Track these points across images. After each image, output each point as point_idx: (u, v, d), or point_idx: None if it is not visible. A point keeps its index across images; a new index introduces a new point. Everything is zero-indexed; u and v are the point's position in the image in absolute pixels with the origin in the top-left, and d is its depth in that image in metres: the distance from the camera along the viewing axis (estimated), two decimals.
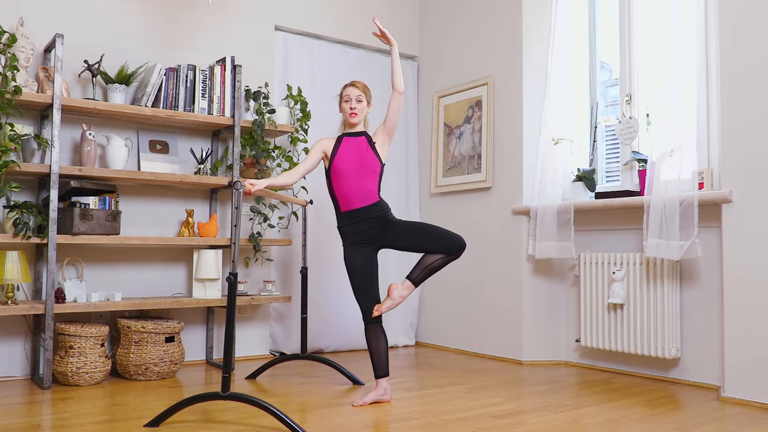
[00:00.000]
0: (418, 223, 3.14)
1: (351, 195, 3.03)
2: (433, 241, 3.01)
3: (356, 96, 3.13)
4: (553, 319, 4.11)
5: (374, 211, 3.05)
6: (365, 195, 3.03)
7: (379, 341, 3.01)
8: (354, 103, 3.12)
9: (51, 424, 2.55)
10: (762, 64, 3.02)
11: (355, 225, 3.04)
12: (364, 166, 3.04)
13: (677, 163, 3.31)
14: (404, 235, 3.06)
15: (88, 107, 3.43)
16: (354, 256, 3.04)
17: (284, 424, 2.40)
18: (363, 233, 3.04)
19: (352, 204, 3.03)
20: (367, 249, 3.05)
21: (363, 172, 3.04)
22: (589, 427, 2.61)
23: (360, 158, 3.05)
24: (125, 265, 3.78)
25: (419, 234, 3.05)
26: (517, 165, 4.21)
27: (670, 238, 3.27)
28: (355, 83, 3.18)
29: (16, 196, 3.38)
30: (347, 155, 3.06)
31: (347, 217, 3.06)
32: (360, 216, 3.03)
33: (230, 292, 2.49)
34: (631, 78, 3.75)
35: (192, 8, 4.07)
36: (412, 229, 3.08)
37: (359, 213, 3.03)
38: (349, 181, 3.03)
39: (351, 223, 3.05)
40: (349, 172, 3.03)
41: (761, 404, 2.95)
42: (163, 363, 3.45)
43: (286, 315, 4.33)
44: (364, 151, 3.07)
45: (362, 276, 3.03)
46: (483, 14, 4.54)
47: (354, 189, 3.02)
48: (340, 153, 3.07)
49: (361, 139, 3.11)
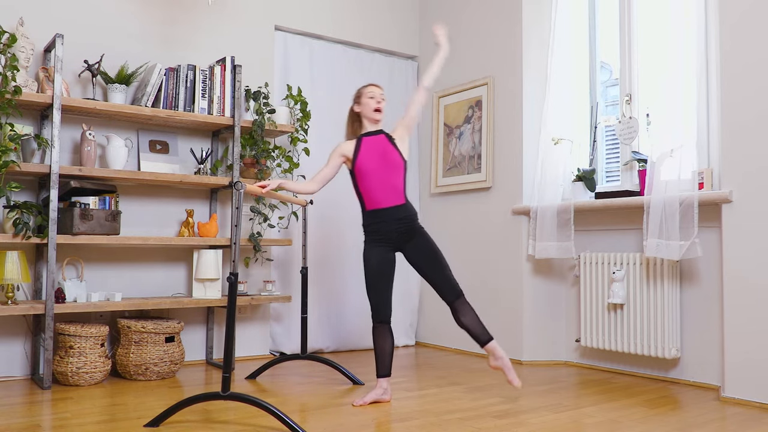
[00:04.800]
0: (437, 250, 3.08)
1: (377, 193, 3.02)
2: (438, 279, 3.03)
3: (380, 94, 3.15)
4: (553, 319, 4.11)
5: (401, 212, 3.04)
6: (392, 193, 3.03)
7: (386, 341, 3.02)
8: (380, 98, 3.13)
9: (51, 424, 2.55)
10: (762, 64, 3.02)
11: (379, 224, 3.04)
12: (388, 162, 3.04)
13: (677, 163, 3.31)
14: (424, 255, 3.05)
15: (88, 107, 3.43)
16: (372, 254, 3.03)
17: (284, 424, 2.40)
18: (385, 234, 3.03)
19: (379, 202, 3.03)
20: (386, 250, 3.04)
21: (387, 169, 3.03)
22: (589, 427, 2.61)
23: (383, 155, 3.05)
24: (125, 265, 3.78)
25: (435, 261, 3.04)
26: (517, 165, 4.22)
27: (670, 238, 3.28)
28: (376, 84, 3.20)
29: (16, 196, 3.38)
30: (370, 153, 3.05)
31: (372, 215, 3.05)
32: (385, 216, 3.03)
33: (230, 292, 2.49)
34: (631, 78, 3.75)
35: (192, 8, 4.07)
36: (434, 254, 3.05)
37: (385, 213, 3.03)
38: (375, 179, 3.02)
39: (375, 222, 3.04)
40: (373, 169, 3.03)
41: (761, 404, 2.95)
42: (163, 363, 3.45)
43: (286, 315, 4.33)
44: (385, 147, 3.07)
45: (377, 274, 3.02)
46: (483, 14, 4.54)
47: (380, 186, 3.02)
48: (362, 152, 3.06)
49: (380, 137, 3.11)
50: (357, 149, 3.08)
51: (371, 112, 3.12)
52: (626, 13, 3.80)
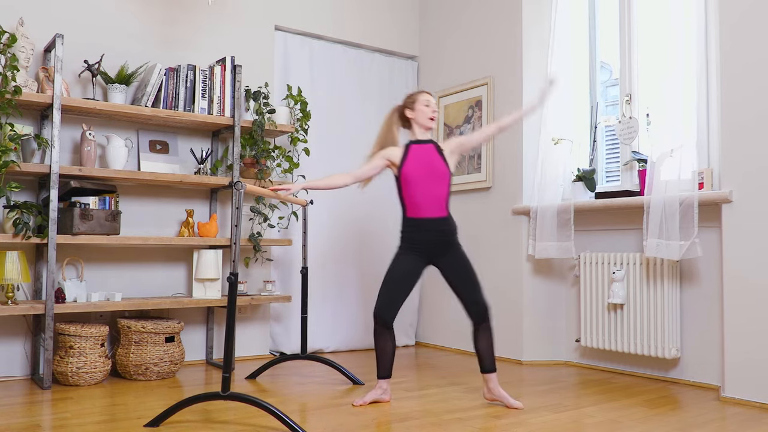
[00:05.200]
0: (472, 267, 3.03)
1: (421, 202, 2.98)
2: (467, 294, 2.98)
3: (434, 103, 3.12)
4: (553, 319, 4.11)
5: (442, 224, 3.00)
6: (435, 203, 2.99)
7: (387, 343, 2.99)
8: (434, 107, 3.09)
9: (51, 424, 2.55)
10: (762, 64, 3.02)
11: (417, 233, 3.00)
12: (434, 172, 2.99)
13: (677, 163, 3.31)
14: (457, 268, 3.00)
15: (88, 107, 3.43)
16: (402, 260, 3.00)
17: (284, 424, 2.40)
18: (423, 243, 2.99)
19: (421, 212, 2.99)
20: (419, 259, 3.00)
21: (433, 179, 2.99)
22: (589, 427, 2.61)
23: (430, 164, 3.00)
24: (125, 265, 3.78)
25: (468, 280, 2.99)
26: (517, 165, 4.22)
27: (670, 238, 3.28)
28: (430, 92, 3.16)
29: (16, 196, 3.38)
30: (417, 161, 3.01)
31: (412, 223, 3.01)
32: (426, 225, 2.99)
33: (230, 292, 2.49)
34: (631, 78, 3.75)
35: (192, 8, 4.07)
36: (467, 269, 3.00)
37: (426, 222, 2.99)
38: (420, 188, 2.98)
39: (414, 230, 3.01)
40: (419, 178, 2.98)
41: (761, 404, 2.95)
42: (163, 363, 3.45)
43: (286, 315, 4.33)
44: (433, 157, 3.02)
45: (400, 278, 2.98)
46: (483, 14, 4.54)
47: (424, 196, 2.98)
48: (409, 159, 3.02)
49: (429, 146, 3.06)
50: (405, 156, 3.03)
51: (426, 120, 3.07)
52: (626, 13, 3.80)
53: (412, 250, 3.01)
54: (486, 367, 2.99)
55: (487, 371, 2.99)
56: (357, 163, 4.67)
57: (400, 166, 3.02)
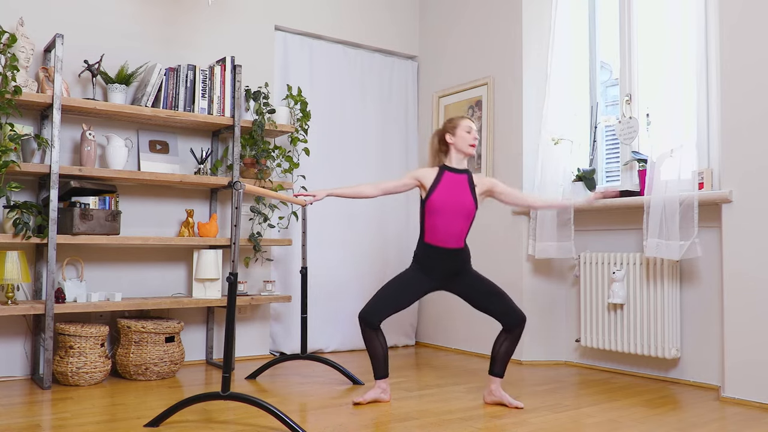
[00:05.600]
0: (491, 282, 3.04)
1: (440, 232, 2.95)
2: (496, 306, 2.96)
3: (476, 130, 3.05)
4: (553, 319, 4.11)
5: (456, 256, 2.99)
6: (454, 236, 2.96)
7: (377, 344, 2.96)
8: (475, 134, 3.03)
9: (51, 424, 2.55)
10: (761, 64, 3.02)
11: (430, 259, 2.99)
12: (461, 207, 2.95)
13: (677, 163, 3.31)
14: (474, 288, 3.00)
15: (88, 107, 3.43)
16: (411, 275, 3.00)
17: (284, 424, 2.40)
18: (435, 269, 2.99)
19: (438, 241, 2.96)
20: (427, 282, 3.00)
21: (458, 213, 2.95)
22: (589, 427, 2.61)
23: (458, 199, 2.96)
24: (125, 265, 3.78)
25: (488, 293, 2.99)
26: (517, 165, 4.22)
27: (670, 238, 3.28)
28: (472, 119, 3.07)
29: (16, 196, 3.38)
30: (447, 191, 2.96)
31: (427, 248, 3.00)
32: (440, 254, 2.97)
33: (230, 292, 2.49)
34: (631, 78, 3.75)
35: (192, 8, 4.07)
36: (484, 285, 3.01)
37: (441, 251, 2.97)
38: (443, 219, 2.95)
39: (427, 256, 3.00)
40: (445, 209, 2.94)
41: (761, 404, 2.95)
42: (163, 363, 3.45)
43: (286, 315, 4.33)
44: (463, 191, 2.98)
45: (399, 291, 2.97)
46: (483, 14, 4.54)
47: (444, 227, 2.95)
48: (440, 187, 2.97)
49: (463, 177, 3.01)
50: (436, 182, 2.99)
51: (466, 146, 3.00)
52: (626, 13, 3.80)
53: (424, 273, 3.01)
54: (496, 370, 2.98)
55: (495, 374, 2.99)
56: (357, 163, 4.68)
57: (429, 192, 2.98)
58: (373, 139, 4.78)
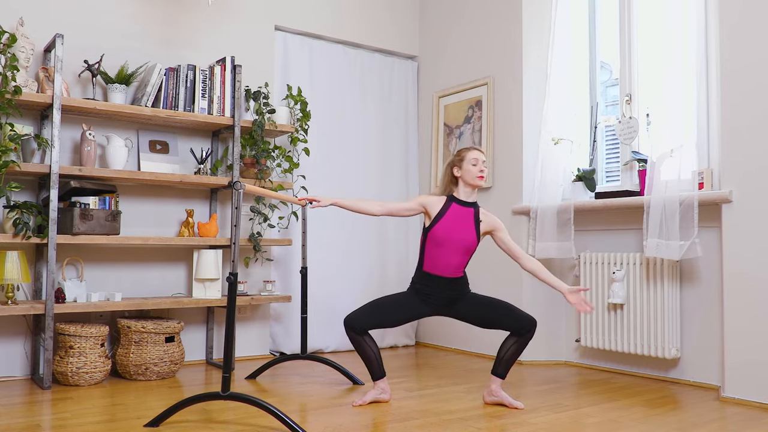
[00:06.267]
0: (492, 299, 3.02)
1: (440, 263, 2.95)
2: (504, 318, 2.94)
3: (483, 160, 2.97)
4: (553, 319, 4.11)
5: (453, 285, 2.98)
6: (453, 268, 2.96)
7: (366, 346, 2.93)
8: (482, 166, 2.95)
9: (51, 424, 2.55)
10: (761, 64, 3.02)
11: (429, 287, 2.98)
12: (463, 243, 2.93)
13: (677, 163, 3.31)
14: (475, 309, 2.99)
15: (88, 107, 3.43)
16: (408, 298, 2.99)
17: (284, 424, 2.40)
18: (432, 297, 2.98)
19: (438, 270, 2.95)
20: (421, 304, 2.99)
21: (459, 249, 2.94)
22: (589, 427, 2.61)
23: (462, 234, 2.94)
24: (125, 265, 3.78)
25: (491, 310, 2.97)
26: (517, 165, 4.21)
27: (670, 238, 3.28)
28: (481, 149, 3.01)
29: (16, 196, 3.38)
30: (451, 224, 2.94)
31: (425, 277, 2.99)
32: (439, 283, 2.97)
33: (230, 292, 2.49)
34: (631, 78, 3.75)
35: (192, 8, 4.07)
36: (485, 305, 2.99)
37: (439, 281, 2.97)
38: (444, 251, 2.93)
39: (426, 285, 2.99)
40: (446, 242, 2.93)
41: (761, 404, 2.95)
42: (163, 363, 3.45)
43: (286, 315, 4.33)
44: (468, 226, 2.96)
45: (392, 309, 2.97)
46: (483, 14, 4.54)
47: (444, 259, 2.94)
48: (444, 220, 2.95)
49: (470, 210, 2.98)
50: (442, 213, 2.96)
51: (473, 179, 2.95)
52: (626, 13, 3.80)
53: (419, 298, 3.00)
54: (499, 372, 2.98)
55: (497, 375, 2.98)
56: (357, 163, 4.68)
57: (434, 222, 2.96)
58: (373, 139, 4.78)
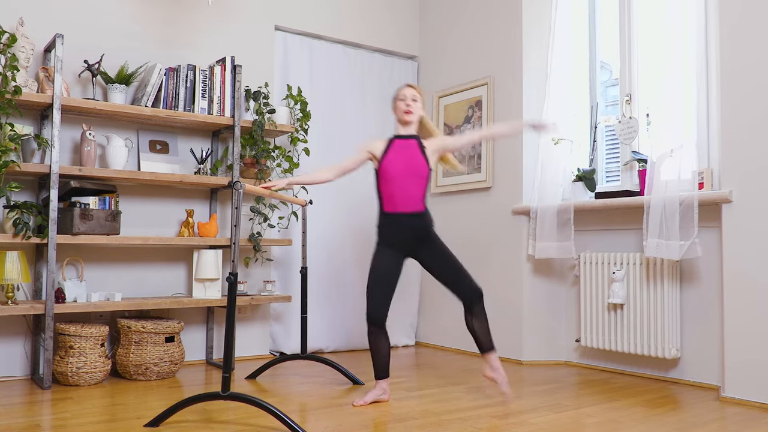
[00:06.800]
0: (450, 253, 3.08)
1: (396, 197, 3.01)
2: (450, 280, 3.02)
3: (411, 95, 3.09)
4: (553, 319, 4.11)
5: (417, 220, 3.02)
6: (411, 200, 3.01)
7: (381, 344, 3.00)
8: (409, 101, 3.08)
9: (51, 424, 2.55)
10: (761, 64, 3.02)
11: (392, 228, 3.02)
12: (413, 170, 3.01)
13: (677, 163, 3.31)
14: (436, 258, 3.04)
15: (88, 107, 3.43)
16: (380, 257, 3.02)
17: (284, 424, 2.40)
18: (398, 238, 3.02)
19: (397, 207, 3.01)
20: (396, 254, 3.03)
21: (410, 176, 3.01)
22: (589, 427, 2.61)
23: (409, 162, 3.02)
24: (125, 265, 3.78)
25: (450, 266, 3.04)
26: (517, 165, 4.22)
27: (670, 238, 3.28)
28: (411, 84, 3.14)
29: (16, 196, 3.38)
30: (397, 157, 3.02)
31: (387, 218, 3.04)
32: (400, 221, 3.01)
33: (230, 292, 2.49)
34: (631, 78, 3.75)
35: (192, 8, 4.07)
36: (445, 256, 3.05)
37: (402, 218, 3.01)
38: (397, 185, 3.00)
39: (389, 225, 3.03)
40: (397, 175, 3.00)
41: (761, 404, 2.95)
42: (163, 363, 3.45)
43: (286, 315, 4.33)
44: (414, 154, 3.04)
45: (380, 278, 3.00)
46: (483, 14, 4.54)
47: (400, 192, 3.00)
48: (389, 154, 3.04)
49: (412, 142, 3.07)
50: (386, 150, 3.05)
51: (401, 115, 3.08)
52: (626, 13, 3.80)
53: (390, 246, 3.04)
54: (484, 347, 3.04)
55: (486, 351, 3.04)
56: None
57: (381, 160, 3.05)
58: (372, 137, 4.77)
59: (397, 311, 4.67)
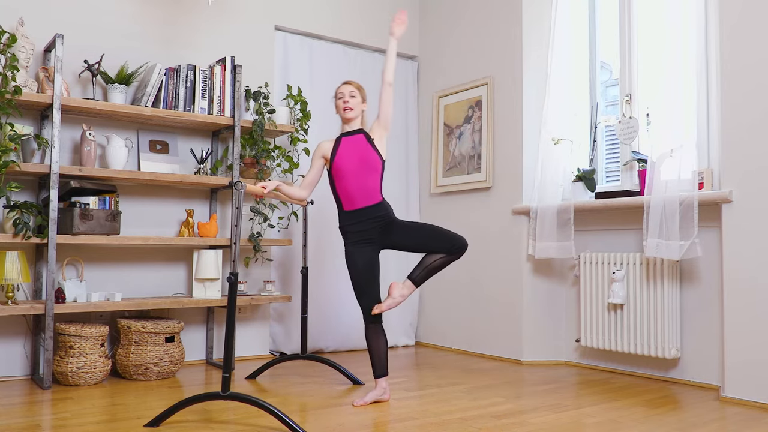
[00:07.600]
0: (420, 223, 3.13)
1: (354, 194, 3.03)
2: (436, 240, 3.00)
3: (349, 92, 3.12)
4: (553, 319, 4.11)
5: (377, 211, 3.05)
6: (368, 194, 3.03)
7: (379, 341, 3.02)
8: (347, 97, 3.11)
9: (51, 424, 2.55)
10: (761, 64, 3.02)
11: (358, 224, 3.05)
12: (365, 164, 3.04)
13: (677, 163, 3.31)
14: (407, 235, 3.05)
15: (88, 107, 3.43)
16: (356, 256, 3.04)
17: (284, 424, 2.40)
18: (366, 233, 3.04)
19: (356, 203, 3.04)
20: (370, 249, 3.05)
21: (364, 171, 3.04)
22: (589, 427, 2.61)
23: (360, 156, 3.05)
24: (125, 265, 3.78)
25: (422, 234, 3.04)
26: (517, 165, 4.21)
27: (670, 238, 3.28)
28: (348, 81, 3.19)
29: (16, 196, 3.38)
30: (347, 154, 3.05)
31: (350, 216, 3.06)
32: (363, 216, 3.04)
33: (230, 292, 2.49)
34: (631, 78, 3.75)
35: (192, 8, 4.07)
36: (414, 229, 3.07)
37: (363, 212, 3.04)
38: (352, 181, 3.03)
39: (354, 223, 3.05)
40: (350, 171, 3.03)
41: (761, 404, 2.95)
42: (163, 363, 3.45)
43: (286, 315, 4.33)
44: (363, 148, 3.06)
45: (364, 276, 3.03)
46: (483, 14, 4.54)
47: (356, 188, 3.02)
48: (339, 153, 3.06)
49: (359, 137, 3.10)
50: (335, 148, 3.08)
51: (341, 112, 3.14)
52: (626, 13, 3.80)
53: (358, 242, 3.05)
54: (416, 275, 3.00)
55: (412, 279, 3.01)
56: None
57: (331, 160, 3.07)
58: None
59: (397, 311, 4.67)
